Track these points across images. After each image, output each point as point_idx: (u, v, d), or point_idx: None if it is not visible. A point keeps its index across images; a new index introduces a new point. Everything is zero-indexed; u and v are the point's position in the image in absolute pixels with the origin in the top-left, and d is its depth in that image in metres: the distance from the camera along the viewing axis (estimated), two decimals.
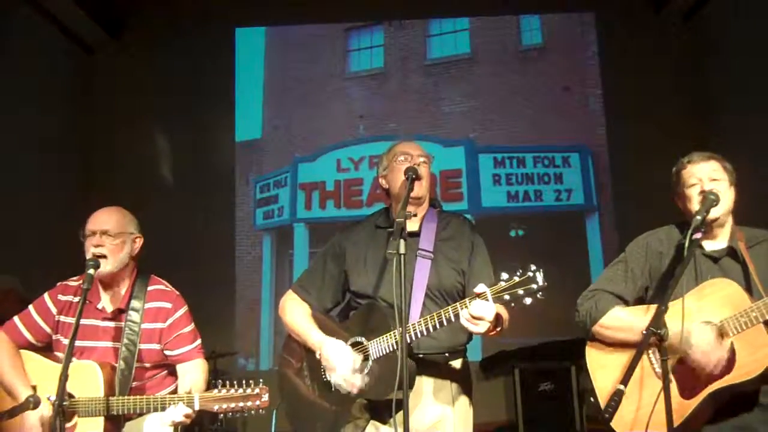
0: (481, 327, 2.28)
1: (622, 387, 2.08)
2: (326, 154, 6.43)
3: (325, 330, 2.65)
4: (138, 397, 2.59)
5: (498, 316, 2.36)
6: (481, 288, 2.27)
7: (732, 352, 2.27)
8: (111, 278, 2.73)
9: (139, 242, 2.80)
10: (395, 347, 2.39)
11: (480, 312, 2.25)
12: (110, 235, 2.69)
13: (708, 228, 2.41)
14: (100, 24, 6.19)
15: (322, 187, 6.39)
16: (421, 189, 2.62)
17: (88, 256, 2.64)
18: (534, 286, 2.20)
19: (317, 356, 2.60)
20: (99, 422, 2.56)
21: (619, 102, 6.15)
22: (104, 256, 2.65)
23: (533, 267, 2.22)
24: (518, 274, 2.23)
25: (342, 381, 2.49)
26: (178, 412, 2.49)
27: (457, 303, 2.35)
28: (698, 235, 2.30)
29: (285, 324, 2.79)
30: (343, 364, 2.49)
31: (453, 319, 2.34)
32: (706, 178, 2.42)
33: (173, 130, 6.51)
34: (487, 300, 2.25)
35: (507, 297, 2.24)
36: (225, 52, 6.59)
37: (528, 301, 2.21)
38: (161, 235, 6.11)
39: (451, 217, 2.77)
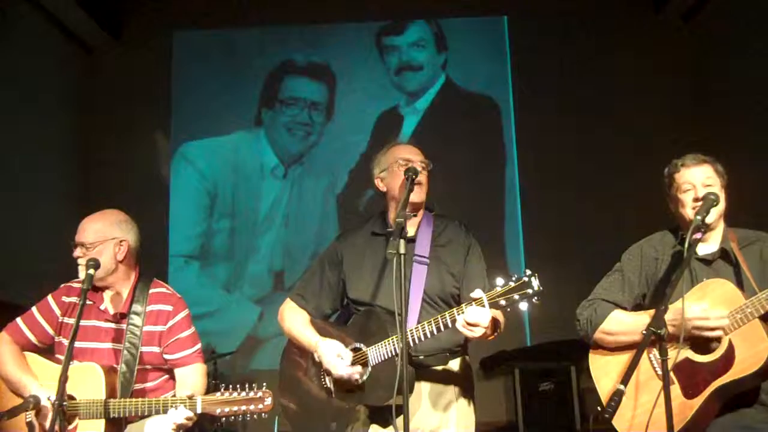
0: (476, 332, 2.29)
1: (622, 387, 2.08)
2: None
3: (325, 336, 2.64)
4: (139, 399, 2.57)
5: (494, 321, 2.36)
6: (477, 293, 2.28)
7: (731, 348, 2.28)
8: (102, 284, 2.72)
9: (125, 246, 2.71)
10: (394, 353, 2.40)
11: (475, 318, 2.26)
12: (86, 247, 2.67)
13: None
14: (100, 24, 6.19)
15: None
16: (421, 194, 2.62)
17: None
18: (529, 290, 2.22)
19: (315, 358, 2.61)
20: (100, 425, 2.54)
21: (619, 102, 6.14)
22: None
23: (528, 272, 2.24)
24: (513, 279, 2.25)
25: (343, 375, 2.51)
26: (180, 415, 2.47)
27: (454, 309, 2.36)
28: (698, 235, 2.30)
29: (284, 331, 2.80)
30: (338, 361, 2.52)
31: (450, 324, 2.34)
32: (700, 185, 2.43)
33: (173, 129, 6.51)
34: (483, 306, 2.25)
35: (503, 302, 2.25)
36: (225, 52, 6.58)
37: (524, 306, 2.23)
38: (161, 234, 6.19)
39: (447, 222, 2.76)
